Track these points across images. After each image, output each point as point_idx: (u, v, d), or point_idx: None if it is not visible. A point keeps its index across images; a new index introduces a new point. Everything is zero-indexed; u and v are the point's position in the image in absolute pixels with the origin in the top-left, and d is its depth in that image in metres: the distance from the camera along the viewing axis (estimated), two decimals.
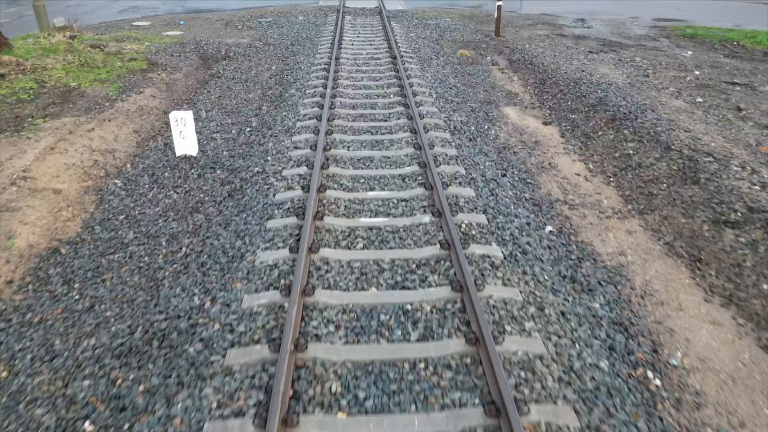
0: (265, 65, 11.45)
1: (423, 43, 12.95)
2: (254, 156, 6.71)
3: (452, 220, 4.68)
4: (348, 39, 12.97)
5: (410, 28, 14.68)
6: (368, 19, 15.79)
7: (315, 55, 11.63)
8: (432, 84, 9.47)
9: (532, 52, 11.90)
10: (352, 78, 9.61)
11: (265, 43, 13.15)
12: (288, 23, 15.39)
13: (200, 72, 10.90)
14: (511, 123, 8.35)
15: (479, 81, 10.45)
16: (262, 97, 9.44)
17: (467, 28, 14.78)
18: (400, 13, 16.63)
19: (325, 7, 17.85)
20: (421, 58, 11.34)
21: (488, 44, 13.14)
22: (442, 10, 17.38)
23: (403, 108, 7.89)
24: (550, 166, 6.81)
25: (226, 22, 15.48)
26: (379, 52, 11.66)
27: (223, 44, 12.79)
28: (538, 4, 18.73)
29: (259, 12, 17.01)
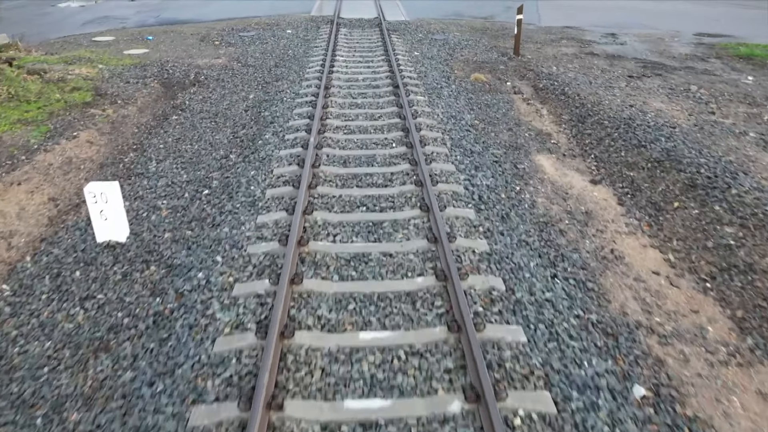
0: (241, 93, 9.70)
1: (430, 64, 11.20)
2: (202, 247, 4.92)
3: (497, 413, 2.88)
4: (342, 59, 11.24)
5: (414, 44, 12.95)
6: (366, 33, 14.07)
7: (301, 81, 9.88)
8: (444, 125, 7.70)
9: (562, 78, 10.16)
10: (344, 117, 7.84)
11: (244, 64, 11.41)
12: (273, 38, 13.67)
13: (160, 104, 9.14)
14: (549, 180, 6.58)
15: (500, 116, 8.70)
16: (232, 139, 7.68)
17: (480, 45, 13.04)
18: (402, 26, 14.92)
19: (317, 18, 16.15)
20: (428, 86, 9.58)
21: (507, 65, 11.40)
22: (450, 22, 15.67)
23: (409, 166, 6.12)
24: (615, 256, 5.03)
25: (202, 36, 13.75)
26: (378, 77, 9.91)
27: (193, 66, 11.04)
28: (558, 15, 17.04)
29: (242, 24, 15.29)
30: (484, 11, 17.78)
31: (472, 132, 7.67)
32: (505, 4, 19.21)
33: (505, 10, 18.11)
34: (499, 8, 18.47)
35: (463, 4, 19.44)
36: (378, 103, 8.44)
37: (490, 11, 17.80)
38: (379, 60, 11.21)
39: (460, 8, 18.38)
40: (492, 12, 17.71)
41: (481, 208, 5.39)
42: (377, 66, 10.76)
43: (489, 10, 18.14)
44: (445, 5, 18.94)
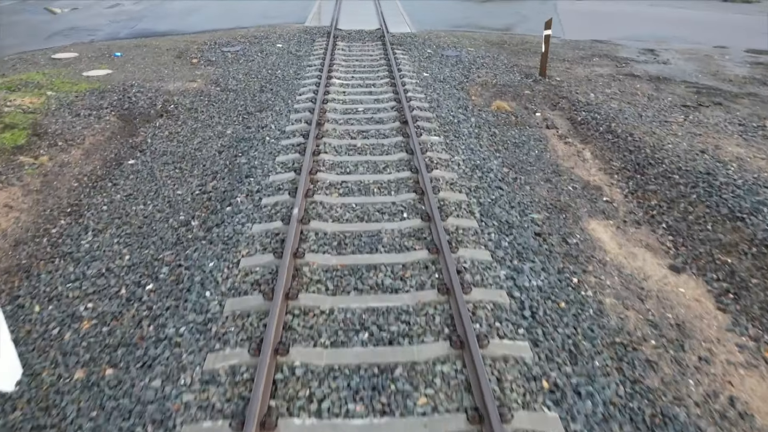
0: (216, 128, 8.14)
1: (442, 89, 9.65)
2: (119, 412, 3.32)
3: None
4: (338, 82, 9.69)
5: (422, 62, 11.40)
6: (367, 48, 12.53)
7: (290, 113, 8.32)
8: (468, 180, 6.13)
9: (604, 108, 8.60)
10: (339, 168, 6.27)
11: (223, 88, 9.85)
12: (261, 54, 12.12)
13: (115, 144, 7.58)
14: (613, 263, 5.00)
15: (534, 159, 7.14)
16: (197, 196, 6.12)
17: (499, 63, 11.49)
18: (408, 39, 13.38)
19: (312, 30, 14.62)
20: (443, 120, 8.02)
21: (533, 90, 9.85)
22: (462, 34, 14.14)
23: (427, 254, 4.53)
24: (739, 414, 3.44)
25: (179, 52, 12.21)
26: (382, 108, 8.36)
27: (163, 91, 9.48)
28: (584, 27, 15.52)
29: (227, 37, 13.76)
30: (499, 22, 16.25)
31: (503, 188, 6.09)
32: (521, 14, 17.72)
33: (522, 20, 16.59)
34: (515, 18, 16.95)
35: (475, 13, 17.94)
36: (383, 147, 6.87)
37: (505, 22, 16.27)
38: (383, 84, 9.65)
39: (471, 18, 16.86)
40: (508, 23, 16.18)
41: (539, 338, 3.78)
42: (381, 92, 9.21)
43: (504, 20, 16.61)
44: (455, 14, 17.43)
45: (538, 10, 18.40)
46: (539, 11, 18.16)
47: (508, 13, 17.84)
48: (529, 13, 17.93)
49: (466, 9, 18.53)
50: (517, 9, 18.98)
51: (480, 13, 17.64)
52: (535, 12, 18.10)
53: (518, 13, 18.02)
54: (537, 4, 20.14)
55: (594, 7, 18.87)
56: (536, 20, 16.42)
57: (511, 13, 17.87)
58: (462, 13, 17.64)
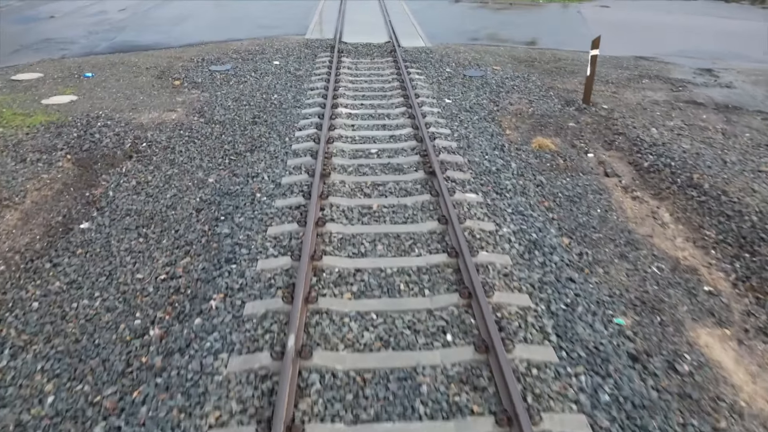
0: (196, 175, 6.67)
1: (470, 121, 8.17)
2: None
3: None
4: (345, 111, 8.22)
5: (443, 85, 9.92)
6: (376, 66, 11.06)
7: (287, 155, 6.85)
8: (528, 266, 4.63)
9: (674, 149, 7.11)
10: (351, 248, 4.77)
11: (208, 119, 8.36)
12: (255, 74, 10.64)
13: (65, 201, 6.10)
14: (752, 413, 3.50)
15: (598, 223, 5.65)
16: (161, 288, 4.64)
17: (532, 86, 10.01)
18: (422, 55, 11.91)
19: (313, 43, 13.15)
20: (477, 166, 6.54)
21: (578, 121, 8.36)
22: (484, 49, 12.65)
23: (495, 428, 3.02)
24: None
25: (160, 71, 10.74)
26: (400, 149, 6.89)
27: (134, 125, 8.00)
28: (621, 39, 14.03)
29: (218, 51, 12.30)
30: (522, 34, 14.78)
31: (574, 280, 4.57)
32: (545, 24, 16.25)
33: (547, 32, 15.11)
34: (538, 29, 15.47)
35: (492, 23, 16.48)
36: (406, 212, 5.38)
37: (529, 34, 14.80)
38: (399, 114, 8.18)
39: (490, 29, 15.39)
40: (532, 35, 14.70)
41: None
42: (397, 125, 7.73)
43: (527, 31, 15.13)
44: (471, 25, 15.98)
45: (562, 19, 16.97)
46: (564, 21, 16.73)
47: (530, 24, 16.37)
48: (554, 22, 16.48)
49: (482, 19, 17.08)
50: (538, 18, 17.54)
51: (498, 24, 16.17)
52: (559, 21, 16.66)
53: (541, 23, 16.56)
54: (558, 12, 18.70)
55: (625, 16, 17.42)
56: (564, 31, 14.98)
57: (533, 24, 16.40)
58: (478, 23, 16.18)
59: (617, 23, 15.82)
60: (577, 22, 16.48)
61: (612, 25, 15.48)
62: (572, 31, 15.07)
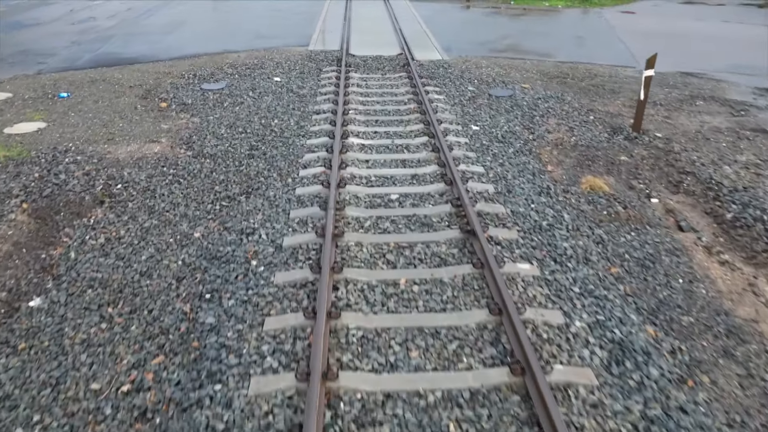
0: (179, 228, 5.52)
1: (504, 153, 7.01)
2: None
3: None
4: (358, 143, 7.11)
5: (466, 107, 8.77)
6: (389, 83, 9.92)
7: (290, 204, 5.69)
8: (620, 386, 3.45)
9: (759, 194, 5.93)
10: (377, 355, 3.59)
11: (197, 153, 7.21)
12: (252, 93, 9.50)
13: (15, 266, 4.93)
14: None
15: (683, 300, 4.50)
16: (122, 405, 3.48)
17: (569, 108, 8.84)
18: (440, 70, 10.77)
19: (317, 55, 12.01)
20: (523, 220, 5.37)
21: (631, 154, 7.19)
22: (508, 63, 11.48)
23: None
24: None
25: (145, 90, 9.59)
26: (425, 194, 5.74)
27: (109, 160, 6.85)
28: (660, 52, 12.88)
29: (212, 65, 11.16)
30: (548, 44, 13.61)
31: (684, 411, 3.39)
32: (570, 32, 15.09)
33: (576, 43, 13.93)
34: (566, 40, 14.30)
35: (513, 31, 15.34)
36: (443, 291, 4.22)
37: (555, 44, 13.63)
38: (420, 145, 7.04)
39: (511, 38, 14.24)
40: (559, 45, 13.53)
41: None
42: (419, 161, 6.59)
43: (553, 42, 13.97)
44: (490, 34, 14.85)
45: (588, 28, 15.81)
46: (591, 29, 15.57)
47: (554, 32, 15.21)
48: (580, 31, 15.32)
49: (501, 27, 15.93)
50: (561, 26, 16.39)
51: (518, 32, 15.02)
52: (585, 29, 15.51)
53: (565, 31, 15.41)
54: (580, 19, 17.56)
55: (656, 23, 16.26)
56: (593, 42, 13.81)
57: (557, 32, 15.24)
58: (497, 31, 15.03)
59: (650, 32, 14.66)
60: (605, 30, 15.32)
61: (645, 35, 14.32)
62: (602, 41, 13.92)
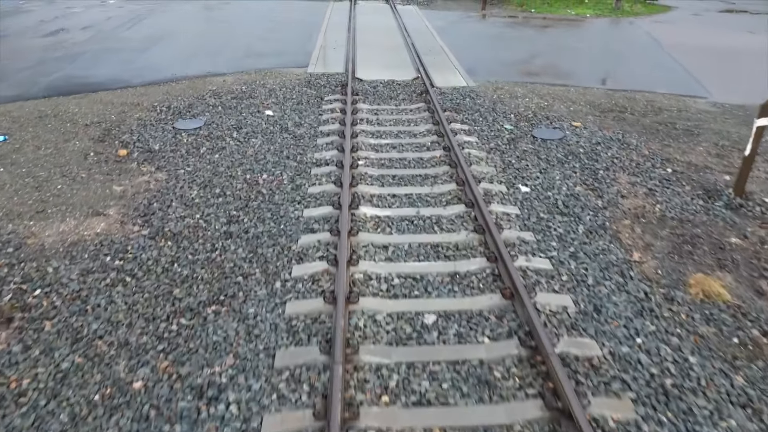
0: (112, 372, 3.71)
1: (572, 234, 5.20)
2: None
3: None
4: (372, 215, 5.34)
5: (507, 154, 6.97)
6: (406, 117, 8.13)
7: (274, 329, 3.88)
8: None
9: None
10: None
11: (155, 231, 5.38)
12: (238, 133, 7.70)
13: None
14: None
15: None
16: None
17: (637, 155, 7.02)
18: (466, 100, 8.97)
19: (318, 80, 10.22)
20: (626, 364, 3.55)
21: (743, 232, 5.36)
22: (547, 91, 9.66)
23: None
24: None
25: (104, 130, 7.79)
26: (474, 313, 3.91)
27: (30, 250, 5.03)
28: (727, 76, 11.08)
29: (191, 93, 9.37)
30: (588, 65, 11.80)
31: None
32: (612, 50, 13.24)
33: (620, 61, 12.09)
34: (607, 58, 12.48)
35: (545, 48, 13.56)
36: None
37: (597, 65, 11.82)
38: (456, 219, 5.25)
39: (544, 57, 12.43)
40: (601, 66, 11.72)
41: None
42: (458, 248, 4.79)
43: (593, 62, 12.16)
44: (518, 51, 13.06)
45: (628, 42, 13.99)
46: (632, 44, 13.75)
47: (591, 49, 13.39)
48: (620, 47, 13.51)
49: (528, 42, 14.14)
50: (596, 40, 14.59)
51: (551, 48, 13.22)
52: (625, 45, 13.69)
53: (604, 47, 13.59)
54: (614, 31, 15.79)
55: (704, 37, 14.46)
56: (640, 61, 11.98)
57: (595, 48, 13.42)
58: (526, 48, 13.22)
59: (703, 48, 12.85)
60: (650, 46, 13.51)
61: (699, 51, 12.50)
62: (651, 60, 12.09)
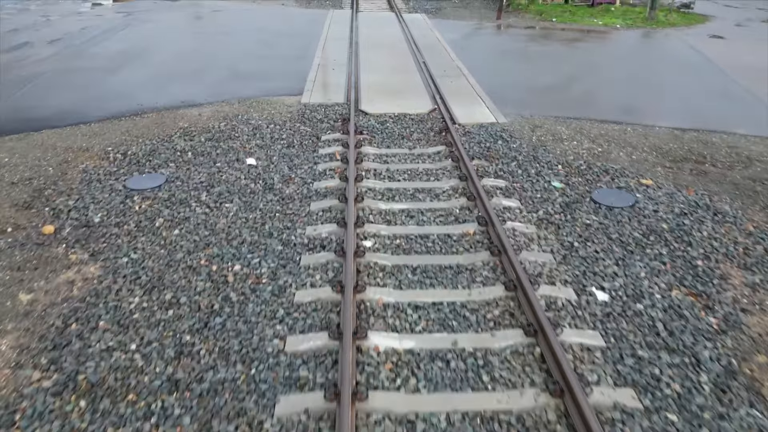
0: None
1: (689, 389, 3.42)
2: None
3: None
4: (387, 346, 3.51)
5: (565, 229, 5.19)
6: (422, 165, 6.37)
7: None
8: None
9: None
10: None
11: (65, 380, 3.57)
12: (208, 194, 5.92)
13: None
14: None
15: None
16: None
17: (741, 235, 5.25)
18: (499, 143, 7.22)
19: (314, 113, 8.46)
20: None
21: None
22: (601, 133, 7.84)
23: None
24: None
25: (33, 192, 5.99)
26: None
27: None
28: None
29: (157, 132, 7.61)
30: (638, 91, 10.03)
31: None
32: (660, 73, 11.39)
33: (676, 88, 10.27)
34: (657, 81, 10.69)
35: (578, 67, 11.81)
36: None
37: (646, 90, 10.06)
38: (508, 353, 3.42)
39: (582, 81, 10.66)
40: (653, 92, 9.95)
41: None
42: (506, 392, 3.00)
43: (642, 87, 10.38)
44: (550, 73, 11.31)
45: (679, 61, 12.17)
46: (684, 63, 11.95)
47: (635, 69, 11.60)
48: (669, 66, 11.71)
49: (558, 60, 12.36)
50: (640, 58, 12.80)
51: (587, 69, 11.44)
52: (675, 63, 11.89)
53: (650, 67, 11.74)
54: (654, 45, 14.06)
55: (756, 56, 12.69)
56: (699, 86, 10.16)
57: (640, 69, 11.60)
58: (558, 69, 11.43)
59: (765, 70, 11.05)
60: (703, 66, 11.72)
61: (762, 75, 10.68)
62: (712, 86, 10.27)
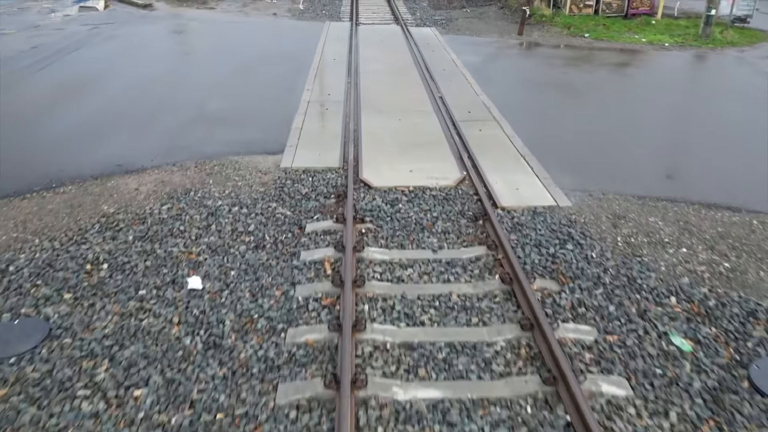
0: None
1: None
2: None
3: None
4: None
5: None
6: (455, 288, 4.00)
7: None
8: None
9: None
10: None
11: None
12: (112, 360, 3.57)
13: None
14: None
15: None
16: None
17: None
18: (567, 248, 4.87)
19: (297, 183, 6.13)
20: None
21: None
22: (719, 231, 5.28)
23: None
24: None
25: None
26: None
27: None
28: None
29: (65, 227, 5.28)
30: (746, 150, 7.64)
31: None
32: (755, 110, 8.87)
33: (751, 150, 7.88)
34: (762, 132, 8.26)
35: (639, 104, 9.42)
36: None
37: (755, 148, 7.65)
38: None
39: (657, 129, 8.25)
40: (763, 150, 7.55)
41: None
42: None
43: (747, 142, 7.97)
44: (607, 115, 8.94)
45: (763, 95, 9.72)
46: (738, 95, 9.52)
47: (722, 112, 9.14)
48: (759, 106, 9.22)
49: (615, 95, 10.00)
50: (715, 91, 10.38)
51: (658, 111, 9.00)
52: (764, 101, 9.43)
53: (738, 108, 9.22)
54: (717, 70, 11.70)
55: None
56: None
57: (727, 111, 9.13)
58: (621, 109, 9.02)
59: None
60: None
61: None
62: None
